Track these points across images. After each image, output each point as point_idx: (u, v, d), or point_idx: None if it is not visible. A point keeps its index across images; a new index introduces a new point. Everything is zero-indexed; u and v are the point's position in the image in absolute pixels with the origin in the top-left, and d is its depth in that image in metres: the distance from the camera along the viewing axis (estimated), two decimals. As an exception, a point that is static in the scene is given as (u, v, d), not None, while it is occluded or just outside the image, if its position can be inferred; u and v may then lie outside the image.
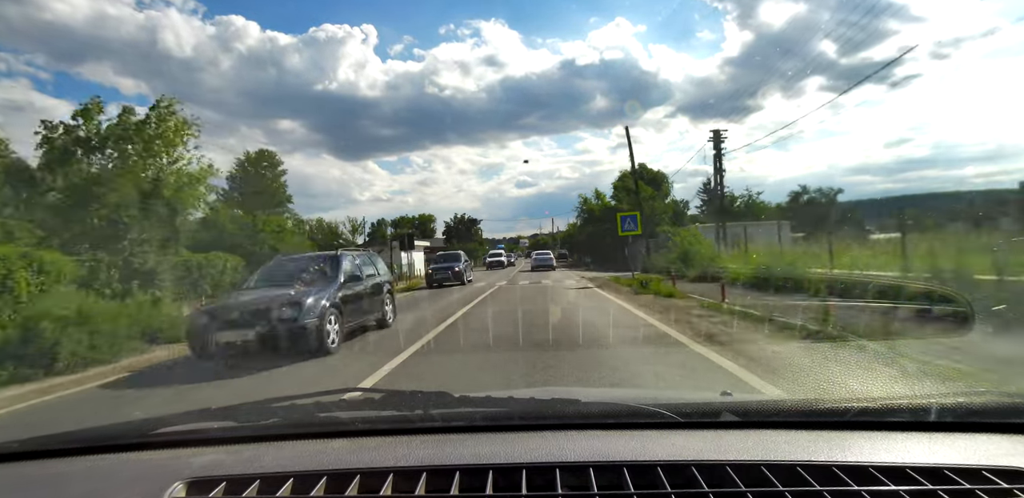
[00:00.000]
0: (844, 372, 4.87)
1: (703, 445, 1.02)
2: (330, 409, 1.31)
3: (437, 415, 1.22)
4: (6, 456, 1.19)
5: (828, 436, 1.06)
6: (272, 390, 5.58)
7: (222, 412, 1.31)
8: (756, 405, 1.21)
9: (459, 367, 6.24)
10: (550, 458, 0.96)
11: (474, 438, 1.11)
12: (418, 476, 0.93)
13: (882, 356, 5.23)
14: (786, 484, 0.86)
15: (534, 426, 1.16)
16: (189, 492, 0.93)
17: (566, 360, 5.86)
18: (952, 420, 1.09)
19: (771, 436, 1.06)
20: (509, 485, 0.89)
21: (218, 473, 0.97)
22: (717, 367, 5.26)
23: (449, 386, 5.13)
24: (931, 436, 1.05)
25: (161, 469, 1.06)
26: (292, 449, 1.12)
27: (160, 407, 5.23)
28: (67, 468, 1.12)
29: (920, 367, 4.75)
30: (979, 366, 4.63)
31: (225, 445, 1.17)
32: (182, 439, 1.21)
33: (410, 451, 1.03)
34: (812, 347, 6.04)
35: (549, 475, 0.91)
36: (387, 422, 1.22)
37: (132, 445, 1.20)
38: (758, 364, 5.24)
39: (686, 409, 1.16)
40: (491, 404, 1.26)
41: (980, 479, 0.88)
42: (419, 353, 7.03)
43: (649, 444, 1.03)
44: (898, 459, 0.94)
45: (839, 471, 0.89)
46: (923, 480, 0.87)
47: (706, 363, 5.49)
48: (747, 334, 7.01)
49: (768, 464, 0.92)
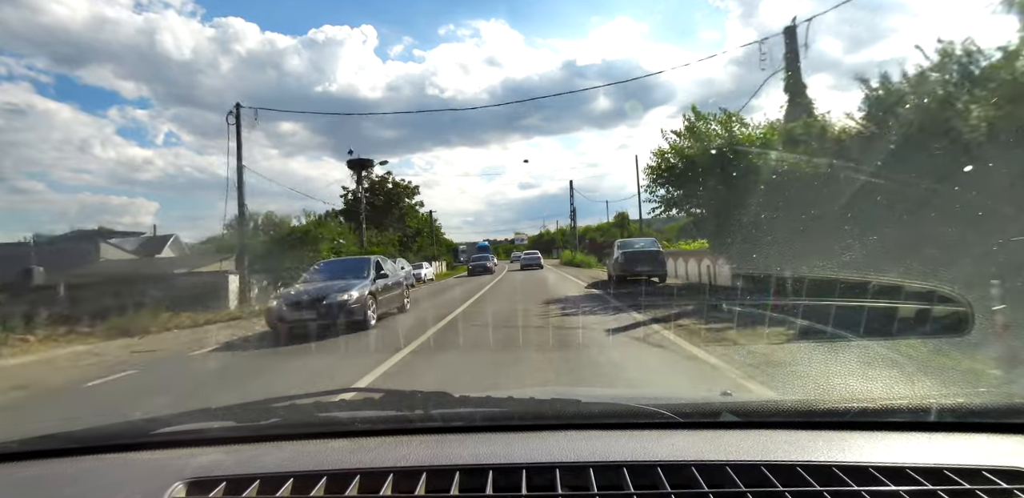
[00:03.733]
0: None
1: (703, 445, 1.02)
2: (330, 409, 1.31)
3: (437, 415, 1.22)
4: (6, 456, 1.19)
5: (828, 436, 1.06)
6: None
7: (222, 412, 1.31)
8: (756, 405, 1.21)
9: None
10: (550, 458, 0.96)
11: (474, 438, 1.11)
12: (418, 476, 0.93)
13: (881, 356, 5.24)
14: (786, 484, 0.86)
15: (534, 426, 1.16)
16: (189, 492, 0.93)
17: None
18: (952, 420, 1.09)
19: (771, 436, 1.06)
20: (509, 485, 0.89)
21: (218, 473, 0.97)
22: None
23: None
24: (931, 436, 1.05)
25: (161, 469, 1.06)
26: (292, 449, 1.12)
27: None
28: (67, 468, 1.12)
29: (919, 367, 4.75)
30: (979, 366, 4.63)
31: (225, 445, 1.17)
32: (182, 439, 1.21)
33: (410, 451, 1.03)
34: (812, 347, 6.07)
35: (549, 475, 0.91)
36: (387, 422, 1.22)
37: (132, 445, 1.20)
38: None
39: (686, 409, 1.16)
40: (491, 404, 1.26)
41: (980, 479, 0.88)
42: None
43: (649, 444, 1.03)
44: (898, 459, 0.94)
45: (839, 471, 0.89)
46: (923, 480, 0.87)
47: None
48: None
49: (768, 464, 0.92)
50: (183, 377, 7.18)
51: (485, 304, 13.73)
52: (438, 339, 8.18)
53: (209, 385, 6.41)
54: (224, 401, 1.49)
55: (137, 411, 2.24)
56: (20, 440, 1.22)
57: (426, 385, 4.45)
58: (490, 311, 11.58)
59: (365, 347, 8.34)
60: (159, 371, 7.74)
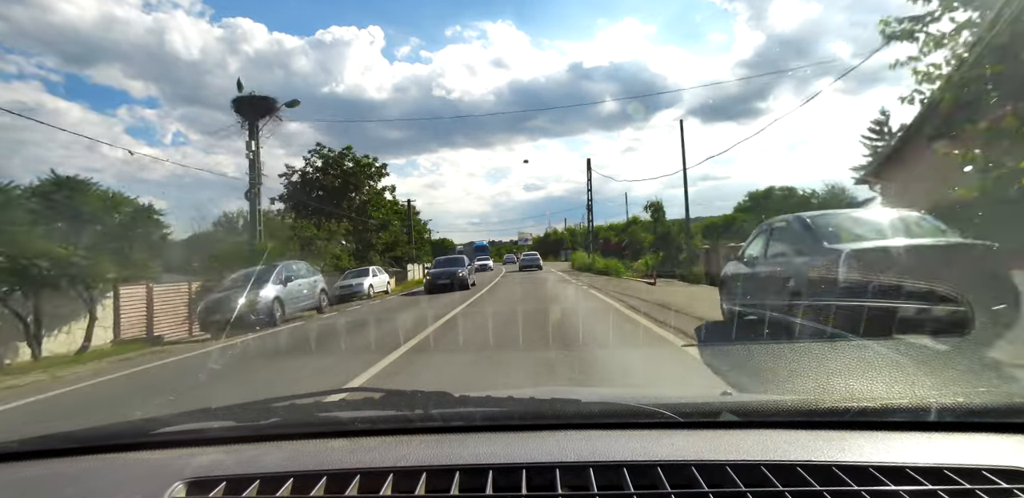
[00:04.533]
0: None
1: (703, 445, 1.02)
2: (330, 409, 1.31)
3: (437, 415, 1.22)
4: (6, 456, 1.19)
5: (828, 436, 1.06)
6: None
7: (222, 412, 1.31)
8: (756, 405, 1.21)
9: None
10: (550, 458, 0.96)
11: (474, 438, 1.11)
12: (418, 476, 0.93)
13: (881, 355, 5.22)
14: (786, 484, 0.86)
15: (534, 426, 1.16)
16: (189, 492, 0.93)
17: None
18: (952, 420, 1.09)
19: (771, 436, 1.06)
20: (509, 485, 0.89)
21: (218, 473, 0.97)
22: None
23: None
24: (931, 436, 1.05)
25: (161, 469, 1.06)
26: (292, 449, 1.12)
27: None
28: (67, 468, 1.12)
29: (919, 366, 4.75)
30: (979, 366, 4.63)
31: (225, 445, 1.17)
32: (182, 439, 1.21)
33: (410, 451, 1.03)
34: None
35: (549, 475, 0.91)
36: (387, 422, 1.22)
37: (132, 445, 1.20)
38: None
39: (686, 409, 1.16)
40: (491, 404, 1.26)
41: (980, 479, 0.88)
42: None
43: (649, 444, 1.03)
44: (898, 459, 0.94)
45: (839, 471, 0.89)
46: (923, 480, 0.87)
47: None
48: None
49: (768, 464, 0.92)
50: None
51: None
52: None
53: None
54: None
55: (137, 411, 2.23)
56: (20, 440, 1.22)
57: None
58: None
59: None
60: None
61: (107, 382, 7.57)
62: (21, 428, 1.29)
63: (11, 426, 5.30)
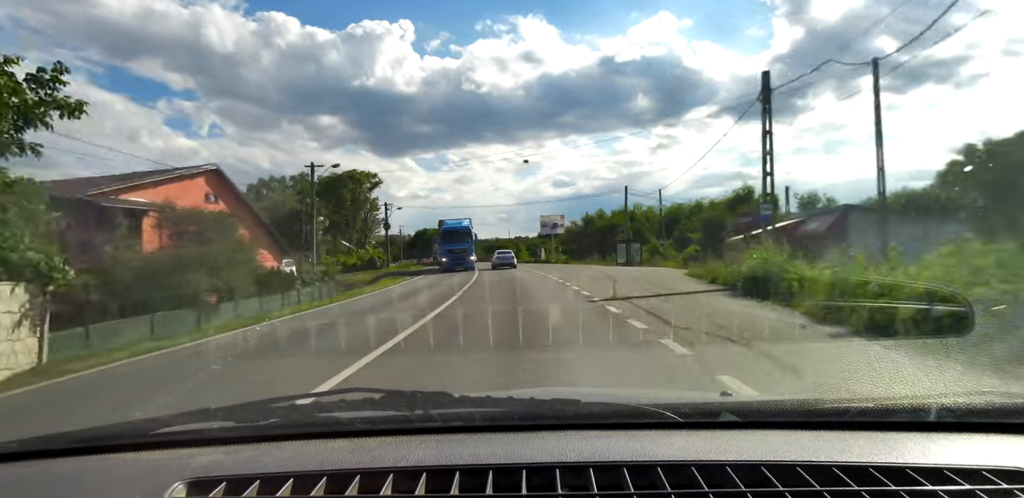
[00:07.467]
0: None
1: (703, 445, 1.02)
2: (330, 409, 1.31)
3: (437, 415, 1.22)
4: (6, 456, 1.19)
5: (828, 436, 1.06)
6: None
7: (222, 412, 1.31)
8: (756, 405, 1.22)
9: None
10: (550, 458, 0.96)
11: (474, 438, 1.11)
12: (418, 476, 0.93)
13: (880, 355, 5.22)
14: (786, 484, 0.86)
15: (534, 426, 1.16)
16: (189, 492, 0.93)
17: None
18: (952, 420, 1.09)
19: (771, 436, 1.06)
20: (509, 485, 0.89)
21: (218, 473, 0.97)
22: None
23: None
24: (931, 436, 1.05)
25: (161, 469, 1.06)
26: (292, 449, 1.12)
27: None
28: (67, 468, 1.12)
29: (918, 367, 4.75)
30: (978, 366, 4.62)
31: (225, 445, 1.17)
32: (182, 439, 1.21)
33: (410, 451, 1.03)
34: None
35: (549, 475, 0.91)
36: (387, 422, 1.22)
37: (132, 445, 1.19)
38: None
39: (686, 409, 1.16)
40: (491, 404, 1.26)
41: (980, 479, 0.87)
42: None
43: (649, 444, 1.03)
44: (898, 459, 0.94)
45: (839, 471, 0.89)
46: (923, 480, 0.87)
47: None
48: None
49: (768, 464, 0.92)
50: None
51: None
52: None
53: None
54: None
55: (137, 411, 2.24)
56: (20, 440, 1.22)
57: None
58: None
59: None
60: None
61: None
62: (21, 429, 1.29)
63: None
